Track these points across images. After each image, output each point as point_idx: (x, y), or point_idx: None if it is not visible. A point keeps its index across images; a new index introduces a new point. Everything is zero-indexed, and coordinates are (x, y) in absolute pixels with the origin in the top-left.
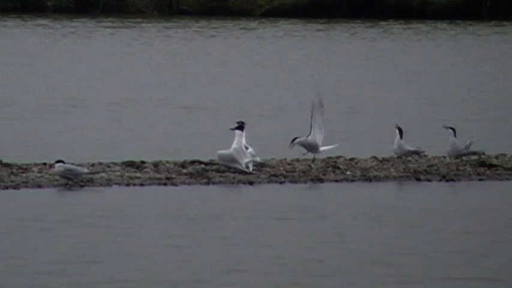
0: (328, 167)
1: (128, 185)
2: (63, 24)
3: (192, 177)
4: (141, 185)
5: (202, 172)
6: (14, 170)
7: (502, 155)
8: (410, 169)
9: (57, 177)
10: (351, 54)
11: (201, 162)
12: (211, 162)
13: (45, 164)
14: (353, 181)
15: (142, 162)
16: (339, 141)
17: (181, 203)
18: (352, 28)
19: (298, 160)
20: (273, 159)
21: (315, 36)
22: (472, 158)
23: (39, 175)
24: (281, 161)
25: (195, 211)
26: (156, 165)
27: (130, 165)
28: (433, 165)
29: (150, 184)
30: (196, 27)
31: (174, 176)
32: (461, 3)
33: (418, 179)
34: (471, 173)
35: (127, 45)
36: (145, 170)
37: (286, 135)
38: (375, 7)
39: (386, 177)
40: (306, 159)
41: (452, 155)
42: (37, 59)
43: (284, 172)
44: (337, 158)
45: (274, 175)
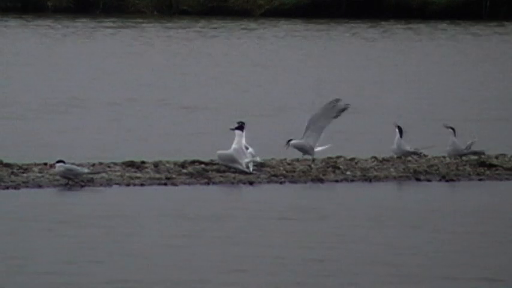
0: (328, 167)
1: (128, 185)
2: (64, 24)
3: (192, 177)
4: (142, 185)
5: (203, 172)
6: (15, 170)
7: (501, 155)
8: (410, 169)
9: (58, 177)
10: (351, 54)
11: (201, 162)
12: (211, 162)
13: (46, 164)
14: (353, 181)
15: (143, 162)
16: (339, 141)
17: (181, 203)
18: (352, 28)
19: (298, 160)
20: (273, 159)
21: (315, 36)
22: (471, 158)
23: (40, 175)
24: (281, 161)
25: (195, 211)
26: (156, 165)
27: (131, 165)
28: (433, 165)
29: (151, 184)
30: (196, 27)
31: (174, 176)
32: (461, 3)
33: (418, 179)
34: (471, 173)
35: (127, 45)
36: (146, 170)
37: (286, 135)
38: (375, 7)
39: (386, 177)
40: (306, 159)
41: (453, 154)
42: (37, 59)
43: (284, 172)
44: (337, 158)
45: (274, 175)
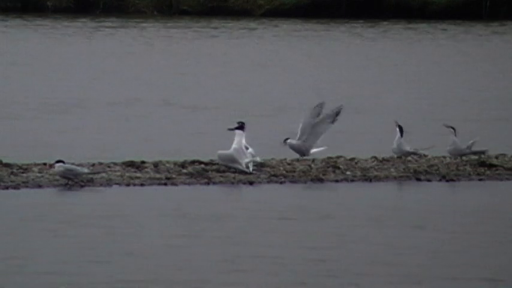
0: (328, 167)
1: (128, 185)
2: (64, 24)
3: (192, 177)
4: (141, 185)
5: (203, 172)
6: (14, 170)
7: (502, 155)
8: (411, 169)
9: (58, 177)
10: (351, 54)
11: (201, 162)
12: (211, 162)
13: (46, 164)
14: (353, 181)
15: (143, 162)
16: (339, 141)
17: (181, 203)
18: (352, 28)
19: (298, 160)
20: (273, 159)
21: (315, 36)
22: (472, 158)
23: (40, 175)
24: (281, 161)
25: (195, 211)
26: (156, 165)
27: (131, 165)
28: (433, 165)
29: (150, 184)
30: (196, 27)
31: (174, 176)
32: (461, 3)
33: (418, 179)
34: (471, 173)
35: (127, 45)
36: (146, 170)
37: (286, 135)
38: (375, 7)
39: (387, 177)
40: (306, 159)
41: (454, 154)
42: (37, 59)
43: (284, 172)
44: (337, 158)
45: (274, 175)
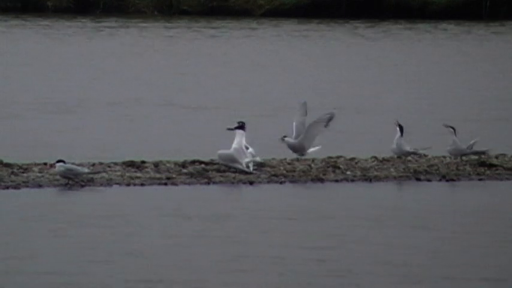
0: (328, 167)
1: (129, 184)
2: (64, 24)
3: (192, 177)
4: (142, 184)
5: (203, 172)
6: (15, 170)
7: (502, 155)
8: (411, 169)
9: (58, 177)
10: (351, 54)
11: (201, 162)
12: (211, 162)
13: (46, 164)
14: (353, 181)
15: (143, 162)
16: (339, 141)
17: (181, 203)
18: (352, 28)
19: (298, 160)
20: (273, 159)
21: (315, 36)
22: (472, 158)
23: (40, 175)
24: (281, 160)
25: (196, 211)
26: (156, 165)
27: (131, 165)
28: (433, 165)
29: (151, 184)
30: (196, 27)
31: (174, 176)
32: (461, 3)
33: (418, 179)
34: (471, 173)
35: (127, 45)
36: (146, 169)
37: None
38: (375, 7)
39: (387, 177)
40: (306, 159)
41: (454, 154)
42: (37, 59)
43: (284, 172)
44: (338, 158)
45: (274, 175)
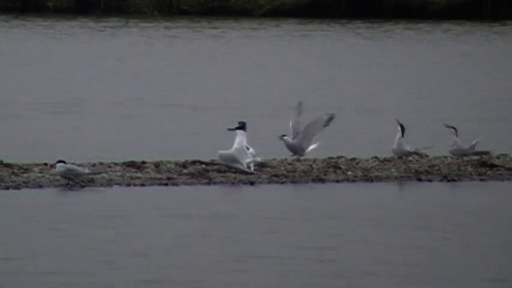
0: (329, 167)
1: (129, 185)
2: (64, 24)
3: (193, 177)
4: (142, 185)
5: (203, 172)
6: (15, 170)
7: (503, 155)
8: (412, 169)
9: (58, 178)
10: (351, 54)
11: (202, 162)
12: (212, 162)
13: (46, 164)
14: (354, 181)
15: (143, 163)
16: (340, 141)
17: (182, 203)
18: (352, 28)
19: (299, 160)
20: (274, 160)
21: (315, 36)
22: (473, 158)
23: (40, 175)
24: (282, 161)
25: (196, 211)
26: (157, 165)
27: (131, 165)
28: (434, 166)
29: (151, 184)
30: (196, 27)
31: (175, 176)
32: (462, 3)
33: (419, 179)
34: (472, 173)
35: (127, 45)
36: (146, 170)
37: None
38: (375, 7)
39: (388, 178)
40: (306, 159)
41: (456, 154)
42: (37, 59)
43: (285, 172)
44: (338, 158)
45: (275, 175)
